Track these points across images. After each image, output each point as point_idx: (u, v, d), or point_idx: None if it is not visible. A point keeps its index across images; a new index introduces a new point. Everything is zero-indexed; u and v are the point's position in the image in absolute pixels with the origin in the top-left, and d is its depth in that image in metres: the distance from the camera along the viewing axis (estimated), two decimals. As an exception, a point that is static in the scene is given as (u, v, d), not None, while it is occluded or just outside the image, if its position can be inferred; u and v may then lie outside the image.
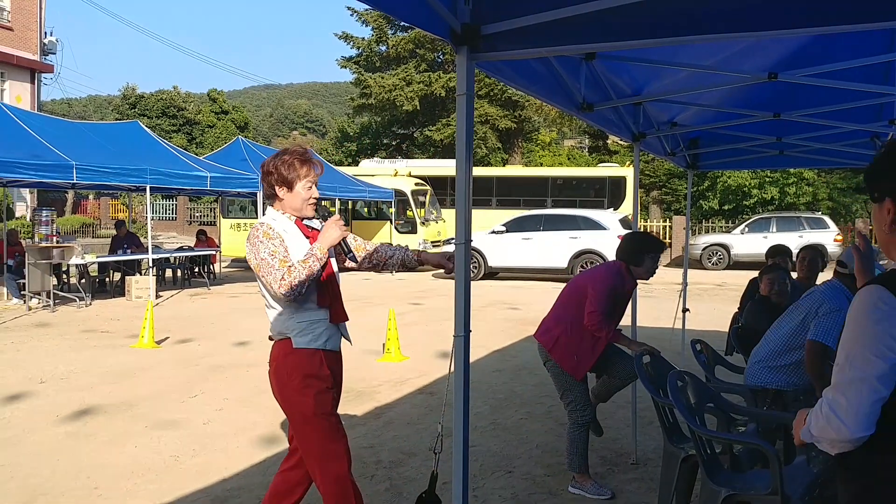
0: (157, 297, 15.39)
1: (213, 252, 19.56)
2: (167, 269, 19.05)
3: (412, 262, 3.84)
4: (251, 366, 9.04)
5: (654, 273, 4.92)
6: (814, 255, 6.77)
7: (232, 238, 23.76)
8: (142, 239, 18.54)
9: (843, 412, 1.90)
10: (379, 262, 3.82)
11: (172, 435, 6.29)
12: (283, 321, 3.46)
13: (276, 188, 3.49)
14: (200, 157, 18.80)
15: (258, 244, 3.33)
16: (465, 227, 2.52)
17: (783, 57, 5.35)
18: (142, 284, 15.48)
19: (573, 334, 4.83)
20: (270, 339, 3.58)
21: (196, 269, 19.25)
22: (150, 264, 15.86)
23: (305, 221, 3.59)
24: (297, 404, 3.47)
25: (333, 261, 3.62)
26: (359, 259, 3.73)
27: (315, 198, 3.54)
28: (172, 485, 5.17)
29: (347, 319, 3.70)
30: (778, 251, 7.15)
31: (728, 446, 4.15)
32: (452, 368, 2.67)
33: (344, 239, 3.50)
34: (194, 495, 5.00)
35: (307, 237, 3.52)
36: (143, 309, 10.78)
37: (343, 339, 3.72)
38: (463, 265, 2.54)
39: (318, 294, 3.47)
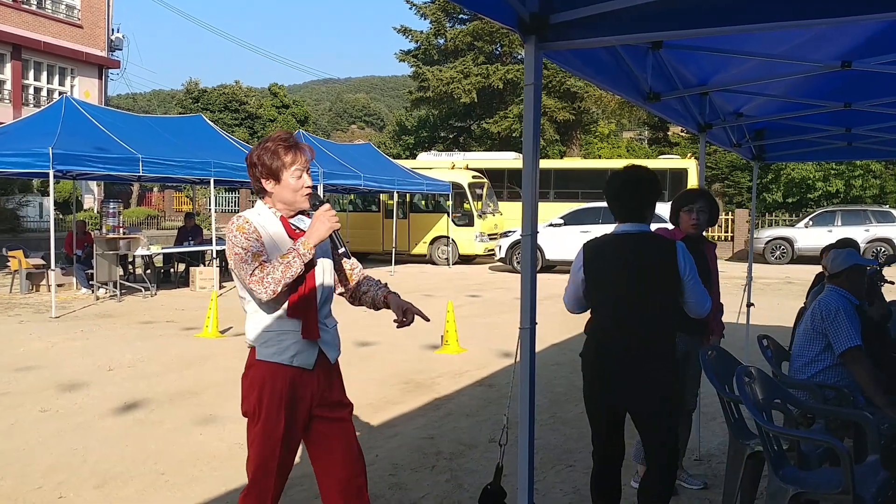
0: (221, 287, 15.66)
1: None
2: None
3: (379, 304, 3.45)
4: (312, 356, 9.13)
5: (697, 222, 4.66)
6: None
7: (292, 230, 24.07)
8: (206, 231, 18.88)
9: None
10: (357, 295, 3.50)
11: (236, 423, 6.39)
12: (252, 328, 3.12)
13: (263, 181, 3.10)
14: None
15: (231, 238, 3.02)
16: (531, 218, 2.51)
17: (856, 45, 5.18)
18: (206, 275, 15.79)
19: None
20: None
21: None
22: (214, 255, 16.17)
23: (295, 220, 3.19)
24: (250, 418, 3.15)
25: (321, 272, 3.18)
26: (349, 285, 3.44)
27: (308, 186, 3.13)
28: (237, 472, 5.25)
29: (318, 338, 3.17)
30: (846, 245, 6.96)
31: (796, 443, 4.07)
32: (517, 360, 2.66)
33: (335, 232, 3.11)
34: (258, 482, 5.07)
35: (291, 238, 3.13)
36: (207, 299, 10.98)
37: (326, 355, 3.26)
38: (529, 257, 2.53)
39: (290, 303, 3.06)
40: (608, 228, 3.88)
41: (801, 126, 6.81)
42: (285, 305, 3.06)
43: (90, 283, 14.73)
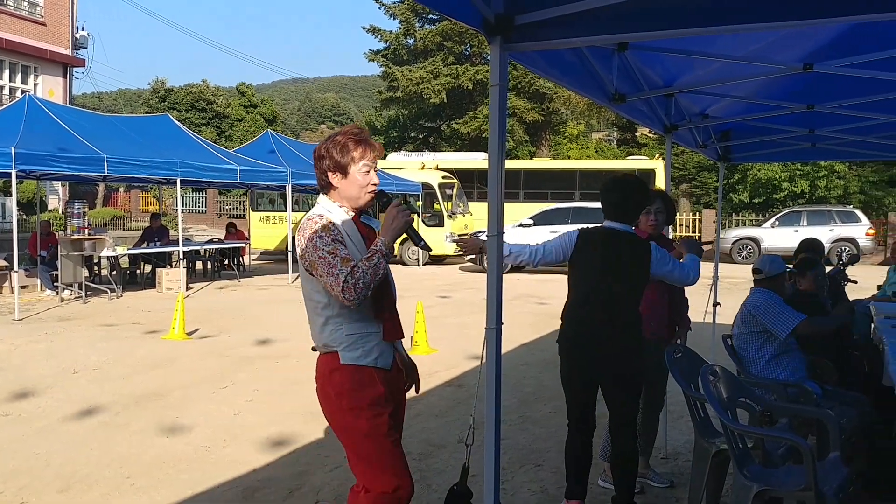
0: (188, 289, 15.54)
1: (243, 245, 19.71)
2: (197, 262, 19.23)
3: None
4: (281, 357, 9.09)
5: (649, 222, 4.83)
6: None
7: (261, 231, 23.94)
8: (172, 231, 18.71)
9: None
10: None
11: (203, 426, 6.34)
12: (330, 332, 3.04)
13: (330, 175, 3.05)
14: (230, 151, 18.92)
15: (316, 239, 2.90)
16: (497, 218, 2.51)
17: (818, 47, 5.25)
18: (172, 276, 15.64)
19: None
20: (314, 350, 3.20)
21: (226, 262, 19.41)
22: (181, 256, 16.03)
23: (362, 218, 3.17)
24: (348, 427, 3.07)
25: (391, 272, 3.18)
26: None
27: (374, 184, 3.09)
28: (203, 475, 5.22)
29: (403, 337, 3.21)
30: (810, 245, 7.06)
31: (760, 441, 4.12)
32: (484, 360, 2.66)
33: (410, 225, 3.08)
34: (225, 486, 5.04)
35: (364, 237, 3.10)
36: (174, 301, 10.88)
37: (400, 354, 3.26)
38: (495, 258, 2.53)
39: (375, 304, 3.03)
40: (575, 228, 4.16)
41: (765, 127, 6.90)
42: (368, 307, 3.00)
43: (55, 284, 14.53)
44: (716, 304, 7.73)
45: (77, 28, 30.35)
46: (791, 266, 5.93)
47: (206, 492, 4.95)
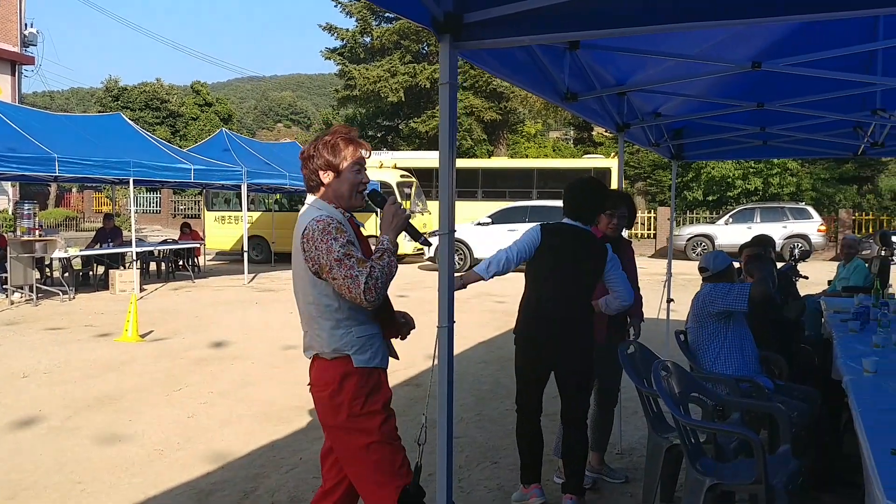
0: (141, 290, 15.31)
1: (198, 245, 19.46)
2: (151, 263, 18.95)
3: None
4: (236, 359, 9.00)
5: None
6: None
7: (216, 231, 23.67)
8: (125, 232, 18.42)
9: None
10: None
11: (156, 429, 6.25)
12: (342, 336, 2.99)
13: (321, 173, 3.02)
14: (184, 150, 18.68)
15: (331, 241, 2.84)
16: (448, 217, 2.50)
17: (767, 46, 5.34)
18: (125, 278, 15.39)
19: None
20: (316, 356, 3.11)
21: (180, 263, 19.15)
22: (134, 257, 15.79)
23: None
24: (361, 430, 3.01)
25: None
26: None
27: (365, 183, 3.09)
28: (157, 479, 5.14)
29: (398, 336, 3.26)
30: (761, 242, 7.16)
31: (712, 436, 4.16)
32: (436, 359, 2.65)
33: (409, 222, 3.07)
34: (179, 489, 4.97)
35: (358, 238, 3.07)
36: (127, 303, 10.70)
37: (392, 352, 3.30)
38: (447, 256, 2.52)
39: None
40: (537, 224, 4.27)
41: (717, 125, 6.98)
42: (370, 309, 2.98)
43: (4, 287, 14.20)
44: (670, 300, 7.82)
45: (25, 25, 29.72)
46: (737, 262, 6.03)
47: (158, 496, 4.87)
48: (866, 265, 8.96)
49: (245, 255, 17.87)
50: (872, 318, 5.85)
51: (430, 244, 3.23)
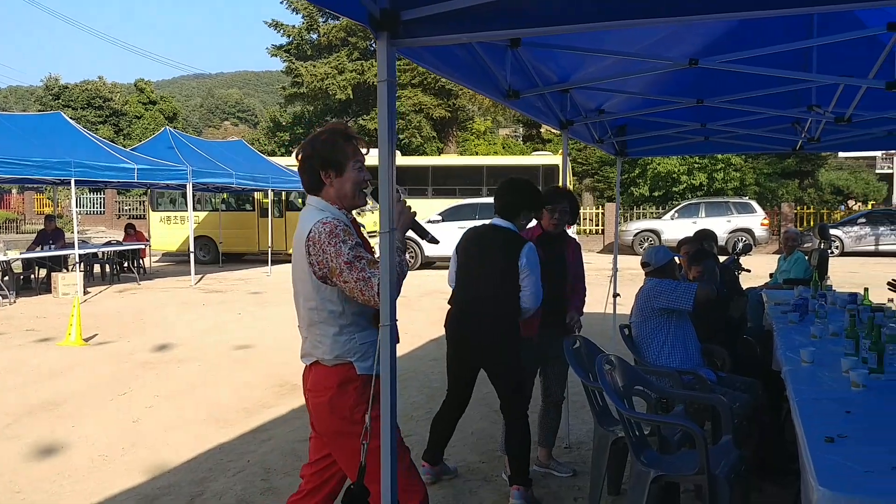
0: (85, 293, 15.01)
1: (143, 246, 19.15)
2: (95, 265, 18.59)
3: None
4: (182, 362, 8.87)
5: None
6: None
7: (162, 231, 23.30)
8: (68, 234, 18.02)
9: None
10: None
11: (101, 434, 6.13)
12: (345, 342, 2.89)
13: (322, 173, 2.92)
14: (127, 149, 18.34)
15: (340, 244, 2.76)
16: (388, 216, 2.50)
17: (705, 44, 5.43)
18: (68, 281, 15.06)
19: None
20: (315, 363, 3.00)
21: (125, 264, 18.82)
22: (77, 260, 15.47)
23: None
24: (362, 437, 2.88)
25: None
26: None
27: (367, 181, 2.99)
28: (100, 485, 5.04)
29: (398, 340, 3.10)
30: (703, 236, 7.28)
31: (657, 428, 4.22)
32: (379, 358, 2.65)
33: (415, 220, 2.99)
34: (123, 495, 4.88)
35: (360, 238, 2.98)
36: (70, 306, 10.48)
37: None
38: (387, 255, 2.52)
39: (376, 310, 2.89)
40: (486, 224, 4.33)
41: (660, 122, 7.09)
42: (370, 314, 2.89)
43: (-60, 292, 13.81)
44: (616, 294, 7.90)
45: (-40, 22, 28.89)
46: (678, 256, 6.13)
47: (102, 502, 4.78)
48: (806, 258, 9.16)
49: (191, 255, 17.62)
50: (811, 309, 5.98)
51: (437, 241, 3.12)
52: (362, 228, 3.10)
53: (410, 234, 3.02)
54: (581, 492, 4.72)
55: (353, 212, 3.01)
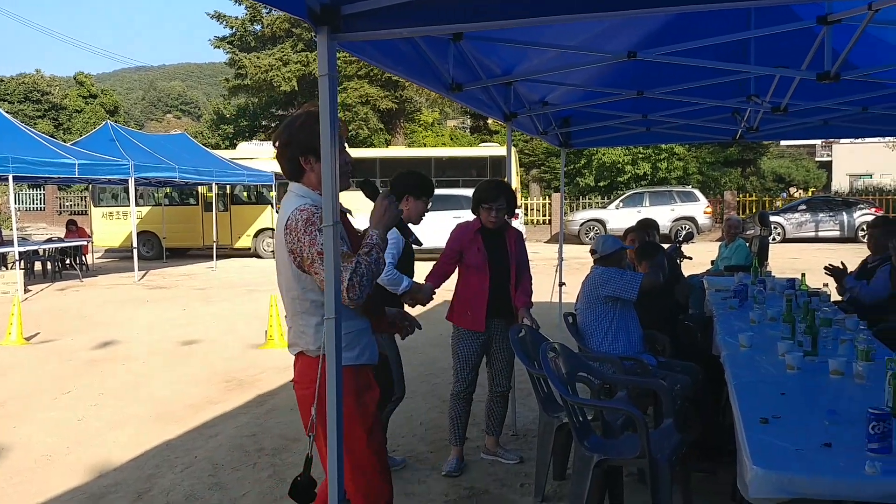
0: (26, 291, 14.68)
1: (85, 243, 18.80)
2: (36, 262, 18.19)
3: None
4: (127, 359, 8.76)
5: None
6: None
7: (104, 227, 22.87)
8: (6, 231, 17.60)
9: None
10: None
11: (44, 434, 6.03)
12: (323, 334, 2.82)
13: (302, 160, 2.85)
14: (68, 144, 17.96)
15: (315, 233, 2.70)
16: (332, 209, 2.52)
17: (644, 37, 5.54)
18: (8, 279, 14.74)
19: None
20: (301, 353, 2.97)
21: (67, 262, 18.45)
22: (17, 257, 15.13)
23: None
24: (347, 428, 2.81)
25: None
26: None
27: (349, 163, 2.93)
28: (44, 485, 4.96)
29: (390, 330, 3.18)
30: (646, 225, 7.41)
31: (600, 413, 4.31)
32: (324, 350, 2.67)
33: (401, 218, 2.94)
34: (68, 494, 4.82)
35: (344, 226, 2.92)
36: (10, 305, 10.26)
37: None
38: (331, 249, 2.54)
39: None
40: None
41: (602, 113, 7.21)
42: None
43: None
44: (561, 283, 8.02)
45: None
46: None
47: (47, 502, 4.72)
48: (747, 245, 9.38)
49: (135, 251, 17.34)
50: (750, 295, 6.15)
51: (420, 243, 3.12)
52: (349, 215, 3.03)
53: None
54: (528, 478, 4.79)
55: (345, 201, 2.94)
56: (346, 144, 2.95)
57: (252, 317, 11.26)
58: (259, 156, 24.49)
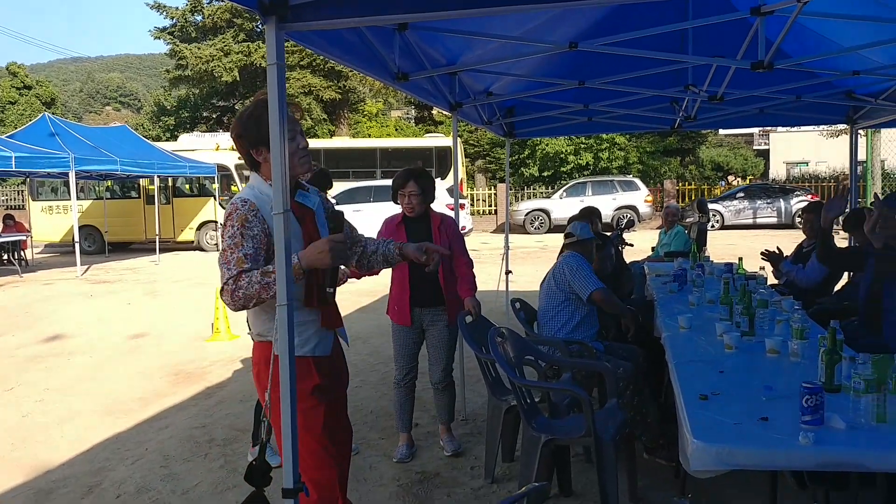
0: (-39, 288, 14.34)
1: (23, 237, 18.38)
2: (-29, 258, 17.76)
3: (394, 259, 3.27)
4: (72, 354, 8.64)
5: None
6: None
7: (44, 222, 22.37)
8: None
9: None
10: (365, 262, 3.33)
11: (-15, 430, 5.95)
12: (265, 321, 2.91)
13: (254, 153, 2.88)
14: (2, 136, 17.51)
15: (231, 227, 2.78)
16: (282, 197, 2.56)
17: (585, 27, 5.67)
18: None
19: None
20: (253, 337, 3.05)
21: (5, 257, 18.04)
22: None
23: (299, 196, 2.98)
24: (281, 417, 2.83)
25: None
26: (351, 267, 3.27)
27: (304, 148, 2.93)
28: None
29: (341, 326, 3.13)
30: (588, 213, 7.55)
31: (547, 395, 4.43)
32: (276, 337, 2.71)
33: (335, 271, 2.91)
34: (15, 490, 4.77)
35: (298, 218, 2.90)
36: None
37: (342, 341, 3.22)
38: (281, 235, 2.58)
39: (306, 292, 2.90)
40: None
41: (546, 103, 7.32)
42: (300, 295, 2.86)
43: None
44: (508, 272, 8.13)
45: None
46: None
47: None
48: (686, 231, 9.62)
49: (76, 246, 17.02)
50: (689, 279, 6.33)
51: (334, 291, 3.02)
52: (312, 208, 3.01)
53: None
54: (478, 461, 4.88)
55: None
56: (301, 128, 2.96)
57: (198, 310, 11.17)
58: (201, 147, 24.20)
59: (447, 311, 4.93)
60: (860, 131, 9.34)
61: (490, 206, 30.88)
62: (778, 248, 6.74)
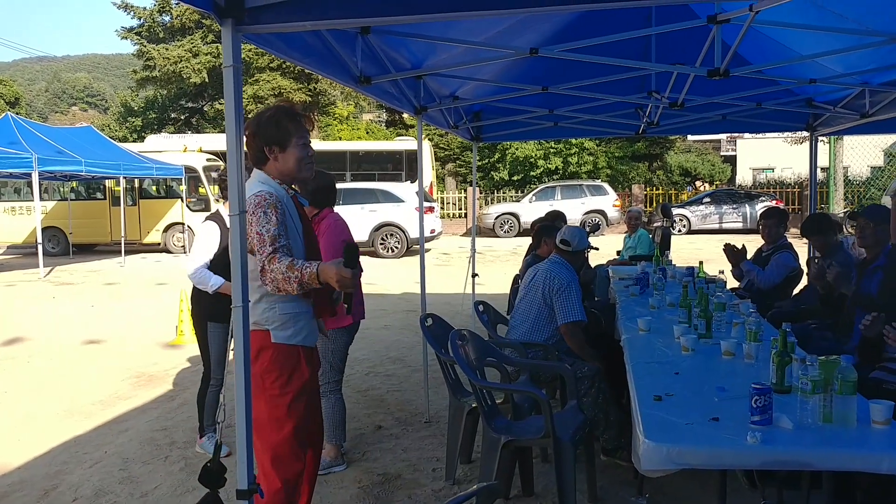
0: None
1: (-15, 238, 18.09)
2: (-69, 259, 17.44)
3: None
4: (33, 356, 8.54)
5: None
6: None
7: (6, 223, 22.03)
8: None
9: None
10: None
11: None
12: (263, 310, 3.09)
13: (267, 149, 3.12)
14: (-36, 137, 17.23)
15: (261, 215, 2.97)
16: (238, 198, 2.56)
17: (550, 33, 5.72)
18: None
19: None
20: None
21: (-35, 258, 17.73)
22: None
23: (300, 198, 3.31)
24: (269, 405, 3.10)
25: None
26: None
27: (311, 157, 3.22)
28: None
29: (334, 316, 3.43)
30: (555, 217, 7.62)
31: (510, 396, 4.46)
32: (232, 337, 2.71)
33: (348, 295, 3.19)
34: (-30, 494, 4.72)
35: (300, 217, 3.21)
36: None
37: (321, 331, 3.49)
38: (237, 238, 2.58)
39: (315, 298, 3.19)
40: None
41: (511, 108, 7.38)
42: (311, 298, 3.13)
43: None
44: (474, 275, 8.17)
45: None
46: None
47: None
48: (650, 235, 9.73)
49: (39, 247, 16.78)
50: (651, 282, 6.40)
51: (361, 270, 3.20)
52: (308, 207, 3.37)
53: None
54: (440, 462, 4.90)
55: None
56: (309, 137, 3.23)
57: (162, 312, 11.07)
58: (168, 149, 23.96)
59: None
60: (822, 138, 9.50)
61: (460, 209, 30.94)
62: (743, 245, 6.87)
